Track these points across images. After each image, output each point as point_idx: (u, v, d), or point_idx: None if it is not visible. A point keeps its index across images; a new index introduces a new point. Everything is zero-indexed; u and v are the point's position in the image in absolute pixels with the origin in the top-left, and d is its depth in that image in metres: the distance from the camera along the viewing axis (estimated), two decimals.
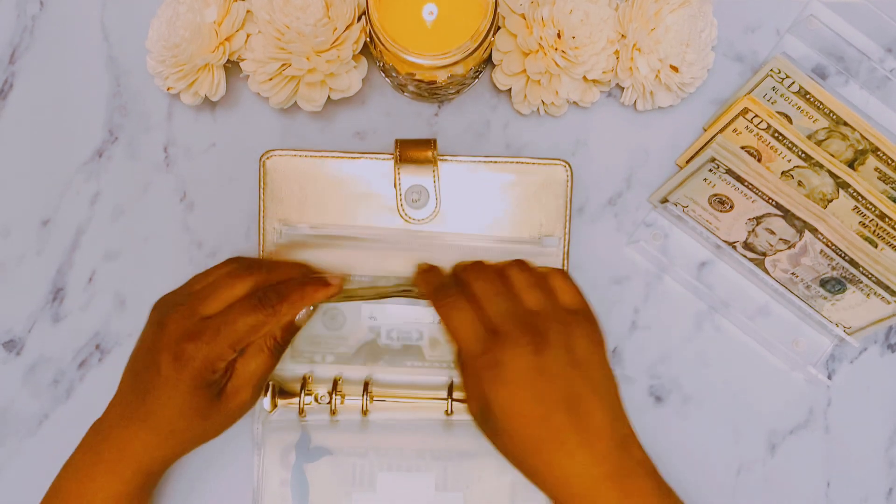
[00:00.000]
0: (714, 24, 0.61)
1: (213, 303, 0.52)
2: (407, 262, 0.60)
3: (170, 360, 0.50)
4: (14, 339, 0.62)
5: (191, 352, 0.50)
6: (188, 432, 0.52)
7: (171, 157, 0.63)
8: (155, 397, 0.51)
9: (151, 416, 0.51)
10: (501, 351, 0.47)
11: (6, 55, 0.63)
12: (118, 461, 0.51)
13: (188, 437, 0.53)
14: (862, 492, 0.61)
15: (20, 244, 0.62)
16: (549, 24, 0.57)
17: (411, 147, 0.59)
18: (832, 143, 0.60)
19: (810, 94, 0.60)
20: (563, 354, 0.47)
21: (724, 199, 0.58)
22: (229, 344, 0.51)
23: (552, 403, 0.46)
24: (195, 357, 0.50)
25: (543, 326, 0.48)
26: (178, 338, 0.51)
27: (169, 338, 0.51)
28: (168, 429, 0.51)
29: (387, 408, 0.60)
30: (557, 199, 0.60)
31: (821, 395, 0.62)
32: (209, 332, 0.51)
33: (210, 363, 0.51)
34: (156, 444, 0.51)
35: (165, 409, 0.51)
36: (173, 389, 0.50)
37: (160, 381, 0.51)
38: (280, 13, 0.56)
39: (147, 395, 0.51)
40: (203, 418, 0.52)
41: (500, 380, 0.46)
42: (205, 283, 0.54)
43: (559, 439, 0.46)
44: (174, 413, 0.51)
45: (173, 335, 0.51)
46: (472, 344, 0.49)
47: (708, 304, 0.62)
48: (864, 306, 0.58)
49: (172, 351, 0.50)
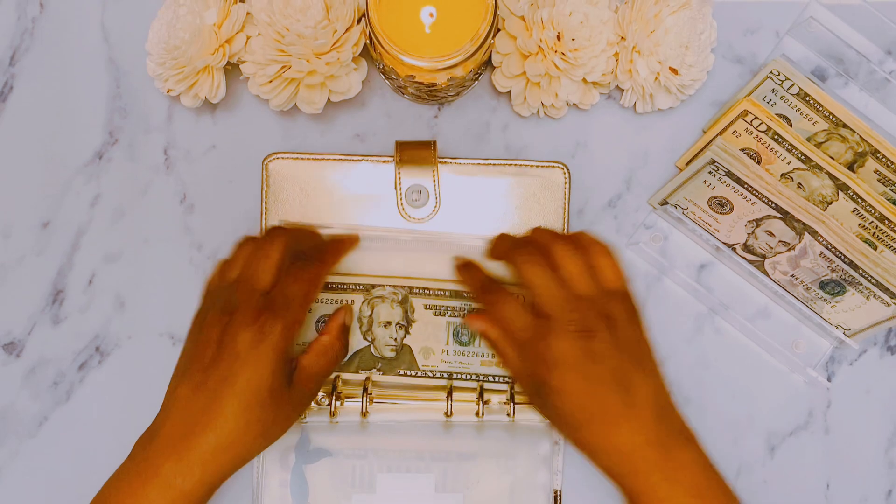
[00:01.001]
0: (713, 26, 0.61)
1: (263, 276, 0.52)
2: (407, 263, 0.60)
3: (249, 337, 0.50)
4: (14, 340, 0.62)
5: (270, 323, 0.50)
6: (258, 426, 0.50)
7: (171, 159, 0.63)
8: (230, 389, 0.49)
9: (220, 418, 0.49)
10: (555, 338, 0.51)
11: (6, 57, 0.63)
12: (177, 474, 0.48)
13: (255, 435, 0.50)
14: (861, 493, 0.61)
15: (20, 246, 0.62)
16: (548, 26, 0.57)
17: (411, 149, 0.59)
18: (832, 146, 0.60)
19: (810, 96, 0.60)
20: (608, 337, 0.51)
21: (724, 202, 0.58)
22: (300, 305, 0.52)
23: (600, 383, 0.50)
24: (275, 327, 0.50)
25: (592, 312, 0.52)
26: (252, 315, 0.50)
27: (243, 317, 0.50)
28: (237, 427, 0.49)
29: (386, 409, 0.60)
30: (556, 201, 0.61)
31: (820, 397, 0.62)
32: (279, 299, 0.51)
33: (289, 331, 0.51)
34: (223, 449, 0.49)
35: (242, 398, 0.49)
36: (254, 369, 0.49)
37: (238, 366, 0.49)
38: (280, 15, 0.56)
39: (218, 389, 0.49)
40: (277, 404, 0.51)
41: (554, 364, 0.50)
42: (239, 268, 0.53)
43: (606, 414, 0.50)
44: (251, 399, 0.49)
45: (247, 314, 0.50)
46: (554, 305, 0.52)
47: (708, 306, 0.62)
48: (864, 308, 0.58)
49: (251, 327, 0.50)
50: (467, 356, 0.60)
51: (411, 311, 0.59)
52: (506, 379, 0.60)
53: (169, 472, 0.48)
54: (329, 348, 0.56)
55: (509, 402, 0.59)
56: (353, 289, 0.59)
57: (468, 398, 0.60)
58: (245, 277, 0.53)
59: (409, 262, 0.60)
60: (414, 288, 0.59)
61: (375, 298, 0.59)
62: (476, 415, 0.59)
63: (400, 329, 0.59)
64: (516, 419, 0.60)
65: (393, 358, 0.60)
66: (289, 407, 0.52)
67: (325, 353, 0.55)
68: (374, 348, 0.60)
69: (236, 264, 0.54)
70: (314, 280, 0.54)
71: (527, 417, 0.60)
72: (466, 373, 0.60)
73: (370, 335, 0.59)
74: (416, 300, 0.59)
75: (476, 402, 0.59)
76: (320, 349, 0.55)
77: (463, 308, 0.59)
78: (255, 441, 0.51)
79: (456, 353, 0.60)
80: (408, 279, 0.59)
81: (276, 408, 0.51)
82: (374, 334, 0.59)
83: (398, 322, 0.59)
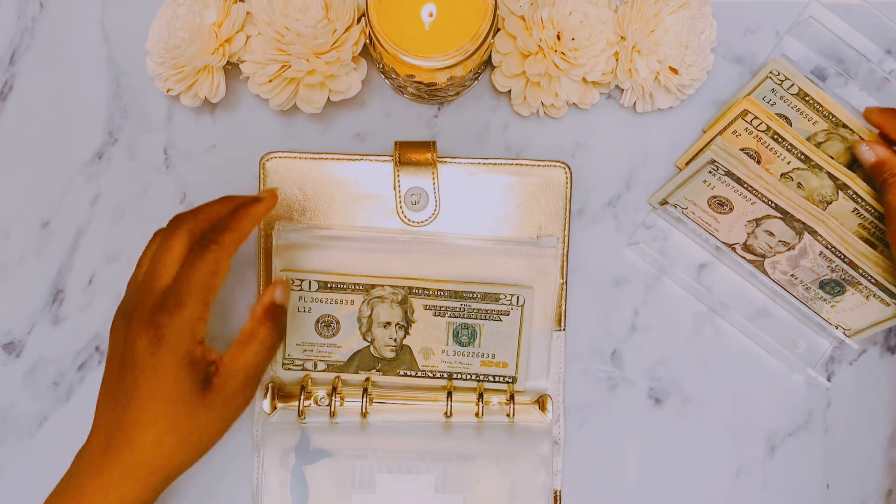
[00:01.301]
0: (713, 26, 0.61)
1: (164, 272, 0.49)
2: (406, 264, 0.60)
3: (145, 342, 0.47)
4: (14, 341, 0.62)
5: (164, 322, 0.47)
6: (171, 437, 0.47)
7: (171, 159, 0.63)
8: (134, 403, 0.47)
9: (131, 432, 0.47)
10: None
11: (6, 56, 0.63)
12: (99, 493, 0.47)
13: (171, 449, 0.47)
14: (861, 493, 0.61)
15: (20, 246, 0.62)
16: (548, 25, 0.57)
17: (411, 149, 0.59)
18: (832, 145, 0.60)
19: (809, 96, 0.60)
20: None
21: (724, 201, 0.58)
22: (197, 299, 0.48)
23: None
24: (170, 326, 0.47)
25: None
26: (147, 318, 0.47)
27: (138, 324, 0.47)
28: (148, 442, 0.47)
29: (386, 409, 0.60)
30: (557, 201, 0.61)
31: (820, 397, 0.62)
32: (172, 296, 0.48)
33: (188, 329, 0.47)
34: (140, 465, 0.47)
35: (146, 410, 0.47)
36: (153, 377, 0.47)
37: (138, 376, 0.47)
38: (280, 15, 0.56)
39: (126, 404, 0.47)
40: (190, 412, 0.47)
41: None
42: (145, 267, 0.50)
43: None
44: (155, 411, 0.47)
45: (143, 317, 0.47)
46: None
47: (707, 305, 0.62)
48: (864, 308, 0.58)
49: (146, 332, 0.47)
50: (467, 356, 0.60)
51: (411, 311, 0.59)
52: (506, 379, 0.60)
53: (92, 492, 0.47)
54: (251, 336, 0.50)
55: (509, 402, 0.59)
56: (352, 289, 0.59)
57: (468, 399, 0.60)
58: (147, 276, 0.49)
59: (408, 263, 0.60)
60: (413, 288, 0.59)
61: (375, 299, 0.59)
62: (476, 415, 0.59)
63: (399, 329, 0.59)
64: (516, 420, 0.60)
65: (393, 358, 0.60)
66: (210, 413, 0.48)
67: (246, 343, 0.50)
68: (374, 349, 0.60)
69: (143, 262, 0.51)
70: (213, 266, 0.49)
71: (526, 418, 0.60)
72: (466, 373, 0.60)
73: (370, 335, 0.59)
74: (415, 300, 0.59)
75: (476, 403, 0.59)
76: (241, 339, 0.50)
77: (463, 308, 0.59)
78: (173, 455, 0.48)
79: (456, 353, 0.60)
80: (407, 279, 0.59)
81: (189, 416, 0.47)
82: (373, 335, 0.59)
83: (398, 322, 0.59)
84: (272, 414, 0.60)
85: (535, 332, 0.60)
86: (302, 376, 0.60)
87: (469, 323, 0.59)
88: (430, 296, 0.59)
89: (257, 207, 0.53)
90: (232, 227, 0.51)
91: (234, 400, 0.49)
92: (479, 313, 0.59)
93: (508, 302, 0.59)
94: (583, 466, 0.61)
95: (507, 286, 0.59)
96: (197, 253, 0.49)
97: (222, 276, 0.50)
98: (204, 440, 0.49)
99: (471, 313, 0.59)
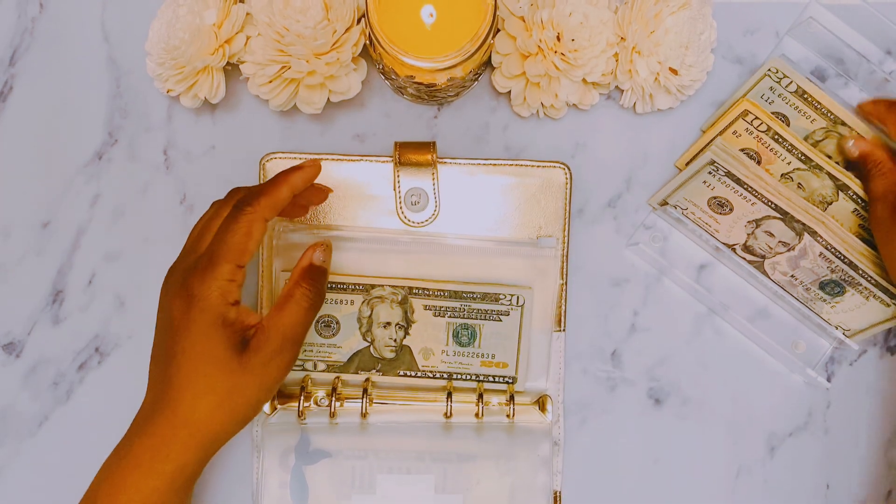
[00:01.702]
0: (713, 27, 0.61)
1: (208, 238, 0.50)
2: (406, 265, 0.60)
3: (179, 303, 0.48)
4: (14, 341, 0.62)
5: (195, 286, 0.48)
6: (210, 398, 0.47)
7: (171, 159, 0.63)
8: (174, 363, 0.48)
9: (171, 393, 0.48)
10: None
11: (6, 57, 0.63)
12: (153, 458, 0.48)
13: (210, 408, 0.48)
14: (861, 494, 0.61)
15: (20, 245, 0.62)
16: (548, 26, 0.57)
17: (411, 150, 0.59)
18: (830, 143, 0.60)
19: (808, 94, 0.60)
20: None
21: (724, 202, 0.58)
22: (228, 261, 0.48)
23: None
24: (201, 288, 0.48)
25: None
26: (180, 281, 0.49)
27: (174, 286, 0.49)
28: (188, 401, 0.47)
29: (386, 410, 0.60)
30: (557, 202, 0.61)
31: (820, 398, 0.62)
32: (203, 259, 0.49)
33: (219, 290, 0.48)
34: (182, 426, 0.48)
35: (184, 370, 0.47)
36: (188, 336, 0.47)
37: (176, 337, 0.48)
38: (280, 16, 0.56)
39: (169, 365, 0.48)
40: (227, 373, 0.47)
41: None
42: (195, 234, 0.52)
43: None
44: (192, 371, 0.47)
45: (177, 282, 0.49)
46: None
47: (707, 306, 0.62)
48: (864, 309, 0.58)
49: (179, 294, 0.48)
50: (467, 357, 0.60)
51: (411, 311, 0.59)
52: (505, 379, 0.60)
53: (142, 452, 0.48)
54: (287, 298, 0.51)
55: (509, 402, 0.59)
56: (352, 289, 0.59)
57: (468, 399, 0.60)
58: (191, 241, 0.51)
59: (408, 263, 0.60)
60: (413, 288, 0.59)
61: (375, 299, 0.59)
62: (476, 416, 0.59)
63: (399, 330, 0.59)
64: (516, 420, 0.60)
65: (393, 359, 0.60)
66: (248, 375, 0.48)
67: (282, 305, 0.50)
68: (374, 349, 0.60)
69: (195, 230, 0.52)
70: (246, 228, 0.49)
71: (526, 419, 0.60)
72: (466, 373, 0.60)
73: (370, 336, 0.59)
74: (415, 301, 0.59)
75: (476, 404, 0.59)
76: (279, 301, 0.51)
77: (463, 309, 0.59)
78: (213, 415, 0.48)
79: (456, 353, 0.60)
80: (407, 280, 0.59)
81: (227, 377, 0.48)
82: (373, 335, 0.59)
83: (398, 323, 0.59)
84: (272, 414, 0.60)
85: (535, 333, 0.60)
86: (302, 377, 0.60)
87: (469, 323, 0.59)
88: (430, 296, 0.59)
89: (296, 175, 0.53)
90: (268, 192, 0.51)
91: (273, 362, 0.49)
92: (479, 313, 0.59)
93: (508, 302, 0.59)
94: (583, 467, 0.61)
95: (507, 286, 0.59)
96: (232, 216, 0.50)
97: (256, 240, 0.50)
98: (243, 403, 0.49)
99: (471, 314, 0.59)
